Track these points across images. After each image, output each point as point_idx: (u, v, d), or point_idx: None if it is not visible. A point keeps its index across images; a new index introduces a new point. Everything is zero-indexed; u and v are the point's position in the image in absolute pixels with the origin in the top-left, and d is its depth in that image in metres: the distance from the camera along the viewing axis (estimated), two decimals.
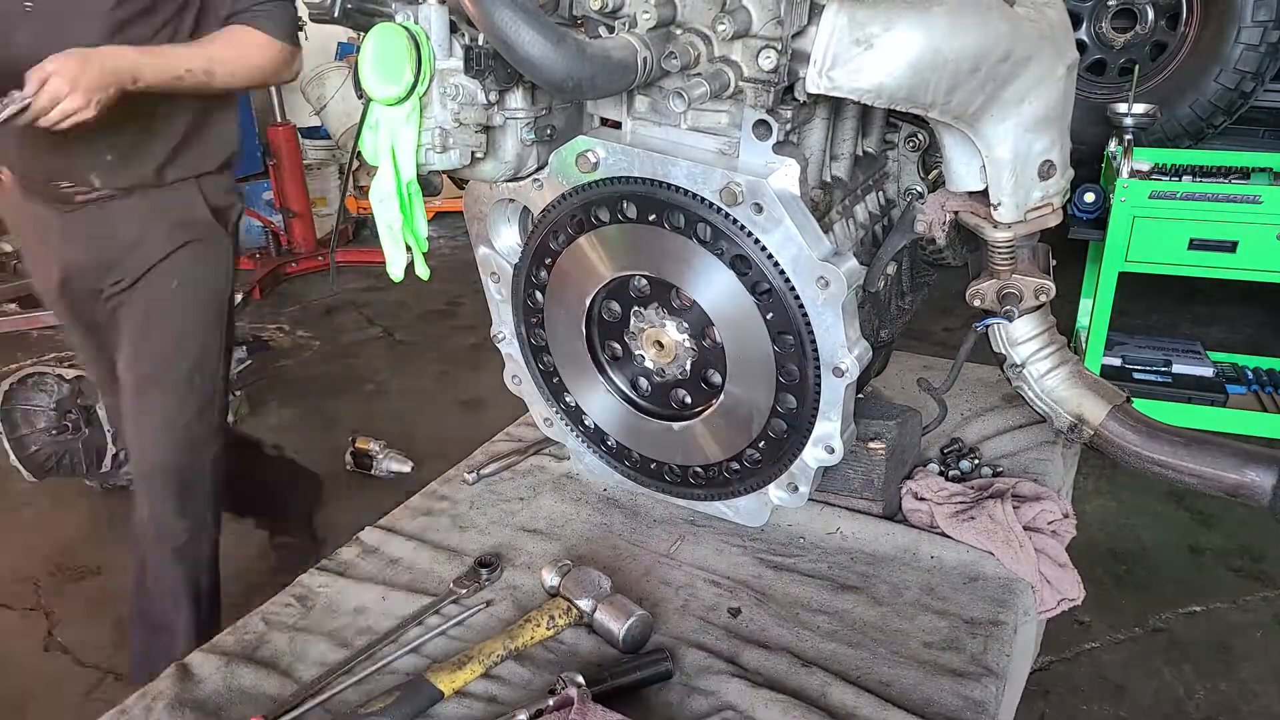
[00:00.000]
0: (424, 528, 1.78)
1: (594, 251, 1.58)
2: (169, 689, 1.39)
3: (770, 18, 1.34)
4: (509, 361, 1.86)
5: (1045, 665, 2.65)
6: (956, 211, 1.64)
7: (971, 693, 1.36)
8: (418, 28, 1.31)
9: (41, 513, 3.64)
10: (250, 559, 3.28)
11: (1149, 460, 1.70)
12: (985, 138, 1.46)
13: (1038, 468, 1.87)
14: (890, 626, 1.50)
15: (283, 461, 3.27)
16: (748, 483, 1.66)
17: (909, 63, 1.31)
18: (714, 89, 1.35)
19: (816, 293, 1.41)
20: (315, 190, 6.74)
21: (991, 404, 2.12)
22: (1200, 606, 2.92)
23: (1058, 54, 1.46)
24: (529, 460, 1.99)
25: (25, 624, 3.02)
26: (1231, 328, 4.92)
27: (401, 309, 5.60)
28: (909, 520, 1.73)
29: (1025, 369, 1.78)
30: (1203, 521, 3.30)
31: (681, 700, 1.35)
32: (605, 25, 1.44)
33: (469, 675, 1.37)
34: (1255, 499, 1.63)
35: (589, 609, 1.47)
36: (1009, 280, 1.68)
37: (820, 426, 1.52)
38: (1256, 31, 4.24)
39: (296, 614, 1.55)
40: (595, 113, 1.58)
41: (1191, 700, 2.58)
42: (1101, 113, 3.72)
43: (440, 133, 1.38)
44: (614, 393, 1.73)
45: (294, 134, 6.38)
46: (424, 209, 1.43)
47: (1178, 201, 3.42)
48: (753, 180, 1.39)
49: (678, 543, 1.72)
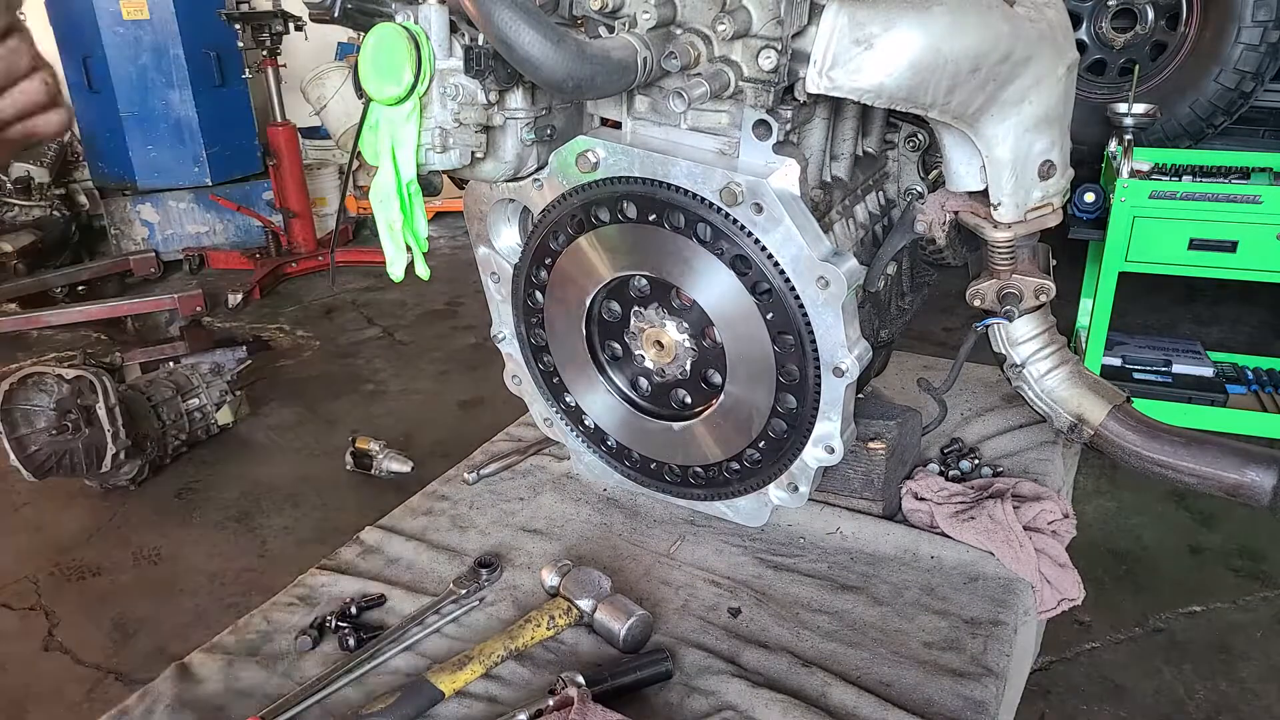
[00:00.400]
0: (424, 527, 1.78)
1: (594, 251, 1.58)
2: (169, 689, 1.39)
3: (770, 18, 1.35)
4: (509, 361, 1.85)
5: (1045, 665, 2.65)
6: (956, 211, 1.64)
7: (971, 693, 1.36)
8: (418, 28, 1.31)
9: (41, 513, 3.64)
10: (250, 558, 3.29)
11: (1149, 460, 1.70)
12: (985, 138, 1.46)
13: (1038, 468, 1.87)
14: (890, 626, 1.50)
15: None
16: (748, 483, 1.66)
17: (909, 63, 1.31)
18: (714, 89, 1.35)
19: (816, 293, 1.41)
20: (315, 190, 6.75)
21: (991, 404, 2.12)
22: (1200, 606, 2.91)
23: (1058, 54, 1.46)
24: (529, 460, 1.99)
25: (25, 624, 3.02)
26: (1231, 328, 4.92)
27: (401, 309, 5.60)
28: (909, 520, 1.73)
29: (1025, 369, 1.78)
30: (1203, 521, 3.30)
31: (681, 700, 1.36)
32: (605, 25, 1.44)
33: (469, 675, 1.37)
34: (1255, 499, 1.63)
35: (589, 609, 1.47)
36: (1009, 280, 1.68)
37: (820, 426, 1.52)
38: (1256, 31, 4.24)
39: (298, 613, 1.55)
40: (595, 113, 1.58)
41: (1191, 700, 2.58)
42: (1101, 113, 3.72)
43: (440, 133, 1.38)
44: (614, 393, 1.73)
45: (294, 134, 6.38)
46: (424, 209, 1.43)
47: (1178, 201, 3.42)
48: (753, 180, 1.39)
49: (678, 543, 1.72)
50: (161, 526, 3.50)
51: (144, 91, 6.27)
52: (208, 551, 3.34)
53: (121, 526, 3.52)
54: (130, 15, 6.08)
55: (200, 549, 3.36)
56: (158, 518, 3.56)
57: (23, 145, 0.86)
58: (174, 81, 6.27)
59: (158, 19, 6.12)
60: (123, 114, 6.28)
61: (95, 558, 3.33)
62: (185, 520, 3.55)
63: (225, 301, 5.73)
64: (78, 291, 5.91)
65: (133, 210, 6.52)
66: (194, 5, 6.16)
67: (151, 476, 3.76)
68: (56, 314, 5.27)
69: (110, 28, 6.08)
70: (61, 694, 2.73)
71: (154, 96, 6.30)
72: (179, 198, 6.58)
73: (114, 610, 3.05)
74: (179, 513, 3.60)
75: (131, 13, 6.07)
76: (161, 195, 6.54)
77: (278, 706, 1.34)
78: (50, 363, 3.60)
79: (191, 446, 3.96)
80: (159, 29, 6.15)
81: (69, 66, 6.40)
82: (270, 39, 6.07)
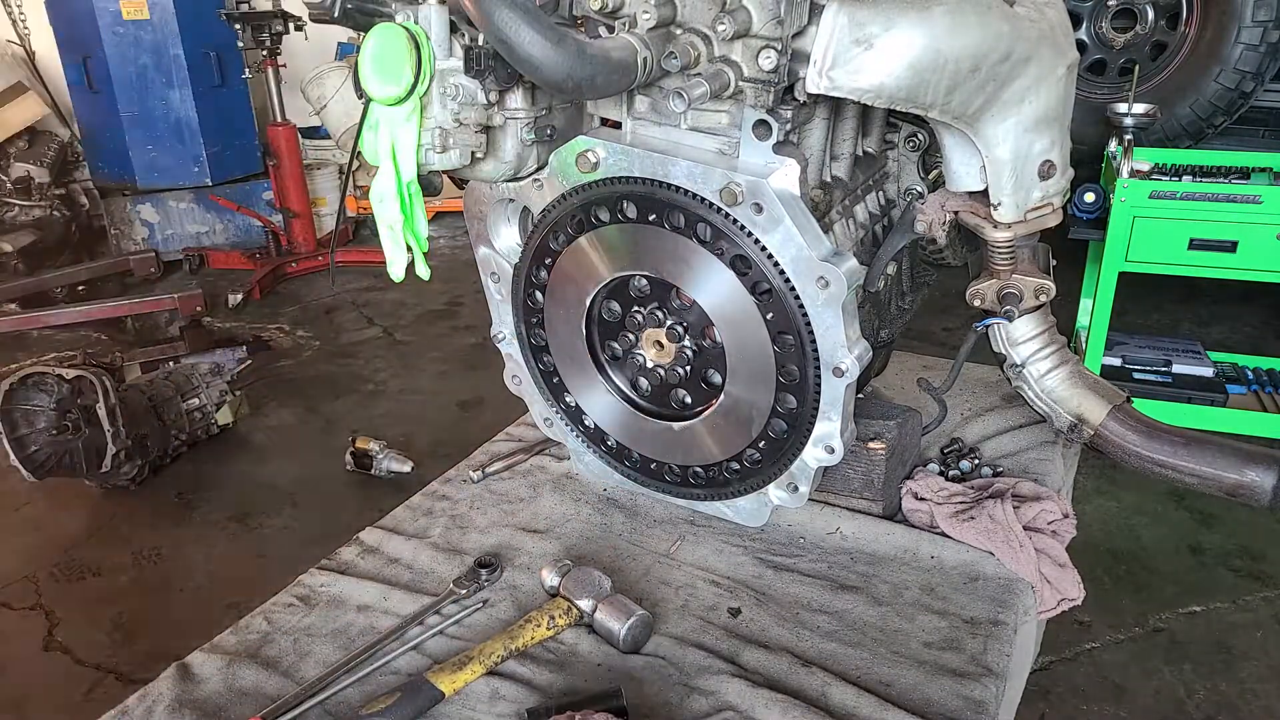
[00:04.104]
0: (424, 527, 1.78)
1: (594, 251, 1.58)
2: (169, 689, 1.38)
3: (770, 18, 1.35)
4: (509, 361, 1.85)
5: (1045, 665, 2.65)
6: (956, 211, 1.64)
7: (971, 693, 1.36)
8: (418, 28, 1.32)
9: (41, 513, 3.64)
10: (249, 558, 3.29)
11: (1149, 460, 1.70)
12: (985, 138, 1.46)
13: (1038, 468, 1.86)
14: (890, 626, 1.50)
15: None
16: (748, 483, 1.66)
17: (909, 63, 1.31)
18: (714, 89, 1.35)
19: (816, 293, 1.41)
20: (315, 190, 6.75)
21: (991, 404, 2.12)
22: (1200, 606, 2.92)
23: (1058, 54, 1.46)
24: (529, 460, 1.99)
25: (25, 624, 3.02)
26: (1231, 328, 4.92)
27: (401, 309, 5.60)
28: (909, 520, 1.73)
29: (1025, 369, 1.78)
30: (1203, 521, 3.30)
31: (681, 700, 1.35)
32: (605, 25, 1.44)
33: (470, 675, 1.37)
34: (1255, 499, 1.63)
35: (589, 609, 1.47)
36: (1009, 280, 1.68)
37: (820, 426, 1.52)
38: (1256, 31, 4.24)
39: (298, 614, 1.55)
40: (595, 113, 1.58)
41: (1191, 700, 2.58)
42: (1101, 113, 3.72)
43: (440, 133, 1.38)
44: (614, 393, 1.73)
45: (294, 134, 6.37)
46: (424, 209, 1.43)
47: (1178, 201, 3.42)
48: (753, 180, 1.39)
49: (678, 543, 1.72)
50: (161, 526, 3.50)
51: (144, 91, 6.27)
52: (208, 551, 3.34)
53: (121, 526, 3.52)
54: (130, 15, 6.08)
55: (200, 549, 3.36)
56: (158, 518, 3.56)
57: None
58: (174, 81, 6.27)
59: (158, 19, 6.12)
60: (123, 114, 6.28)
61: (95, 558, 3.34)
62: (185, 520, 3.55)
63: (225, 301, 5.73)
64: (78, 291, 5.91)
65: (133, 210, 6.52)
66: (194, 5, 6.16)
67: (151, 476, 3.76)
68: (56, 314, 5.28)
69: (110, 28, 6.08)
70: (61, 694, 2.73)
71: (154, 96, 6.29)
72: (179, 198, 6.58)
73: (114, 610, 3.05)
74: (179, 513, 3.60)
75: (131, 13, 6.07)
76: (161, 195, 6.54)
77: (278, 707, 1.34)
78: (50, 363, 3.60)
79: (191, 446, 3.96)
80: (159, 29, 6.15)
81: (69, 66, 6.41)
82: (270, 39, 6.07)
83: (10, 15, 6.99)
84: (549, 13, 1.45)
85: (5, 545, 3.45)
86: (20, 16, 7.01)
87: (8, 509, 3.65)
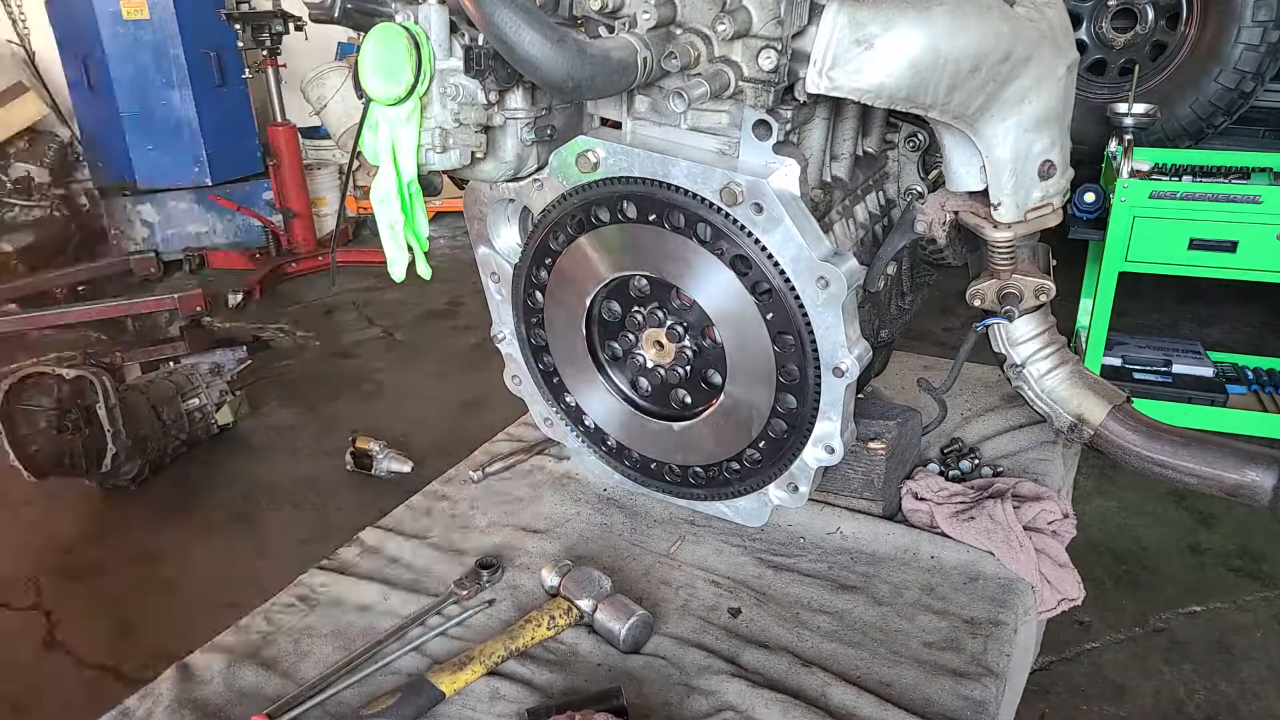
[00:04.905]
0: (425, 527, 1.78)
1: (594, 251, 1.58)
2: (169, 689, 1.39)
3: (770, 18, 1.35)
4: (509, 361, 1.85)
5: (1045, 665, 2.65)
6: (956, 211, 1.64)
7: (971, 693, 1.36)
8: (418, 28, 1.32)
9: (41, 513, 3.63)
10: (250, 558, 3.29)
11: (1149, 460, 1.70)
12: (985, 138, 1.46)
13: (1038, 468, 1.86)
14: (890, 626, 1.50)
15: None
16: (748, 483, 1.66)
17: (909, 63, 1.31)
18: (714, 89, 1.35)
19: (816, 293, 1.41)
20: (315, 190, 6.75)
21: (991, 404, 2.12)
22: (1200, 606, 2.91)
23: (1058, 54, 1.46)
24: (529, 460, 1.99)
25: (25, 624, 3.02)
26: (1231, 328, 4.92)
27: (401, 309, 5.60)
28: (909, 520, 1.73)
29: (1025, 369, 1.78)
30: (1203, 521, 3.30)
31: (681, 700, 1.36)
32: (605, 25, 1.44)
33: (470, 676, 1.37)
34: (1255, 499, 1.63)
35: (589, 609, 1.47)
36: (1009, 280, 1.68)
37: (820, 426, 1.52)
38: (1256, 31, 4.23)
39: (298, 614, 1.55)
40: (595, 113, 1.59)
41: (1191, 700, 2.58)
42: (1101, 113, 3.72)
43: (440, 133, 1.38)
44: (614, 393, 1.73)
45: (294, 134, 6.37)
46: (425, 209, 1.43)
47: (1178, 201, 3.42)
48: (753, 180, 1.39)
49: (678, 543, 1.72)
50: (161, 526, 3.50)
51: (144, 91, 6.26)
52: (208, 551, 3.34)
53: (121, 526, 3.52)
54: (130, 15, 6.08)
55: (200, 549, 3.36)
56: (158, 518, 3.56)
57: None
58: (174, 81, 6.27)
59: (158, 19, 6.11)
60: (123, 114, 6.27)
61: (95, 558, 3.33)
62: (185, 520, 3.55)
63: (225, 301, 5.73)
64: (78, 291, 5.91)
65: (133, 210, 6.52)
66: (194, 5, 6.15)
67: (151, 476, 3.76)
68: (56, 314, 5.27)
69: (110, 28, 6.08)
70: (61, 694, 2.73)
71: (154, 96, 6.29)
72: (179, 198, 6.57)
73: (114, 610, 3.04)
74: (179, 513, 3.60)
75: (131, 13, 6.07)
76: (161, 195, 6.53)
77: (278, 707, 1.34)
78: (50, 363, 3.60)
79: (191, 446, 3.96)
80: (159, 29, 6.14)
81: (69, 66, 6.40)
82: (270, 39, 6.07)
83: (10, 15, 6.99)
84: (549, 13, 1.45)
85: (5, 545, 3.45)
86: (20, 16, 7.00)
87: (8, 509, 3.65)
